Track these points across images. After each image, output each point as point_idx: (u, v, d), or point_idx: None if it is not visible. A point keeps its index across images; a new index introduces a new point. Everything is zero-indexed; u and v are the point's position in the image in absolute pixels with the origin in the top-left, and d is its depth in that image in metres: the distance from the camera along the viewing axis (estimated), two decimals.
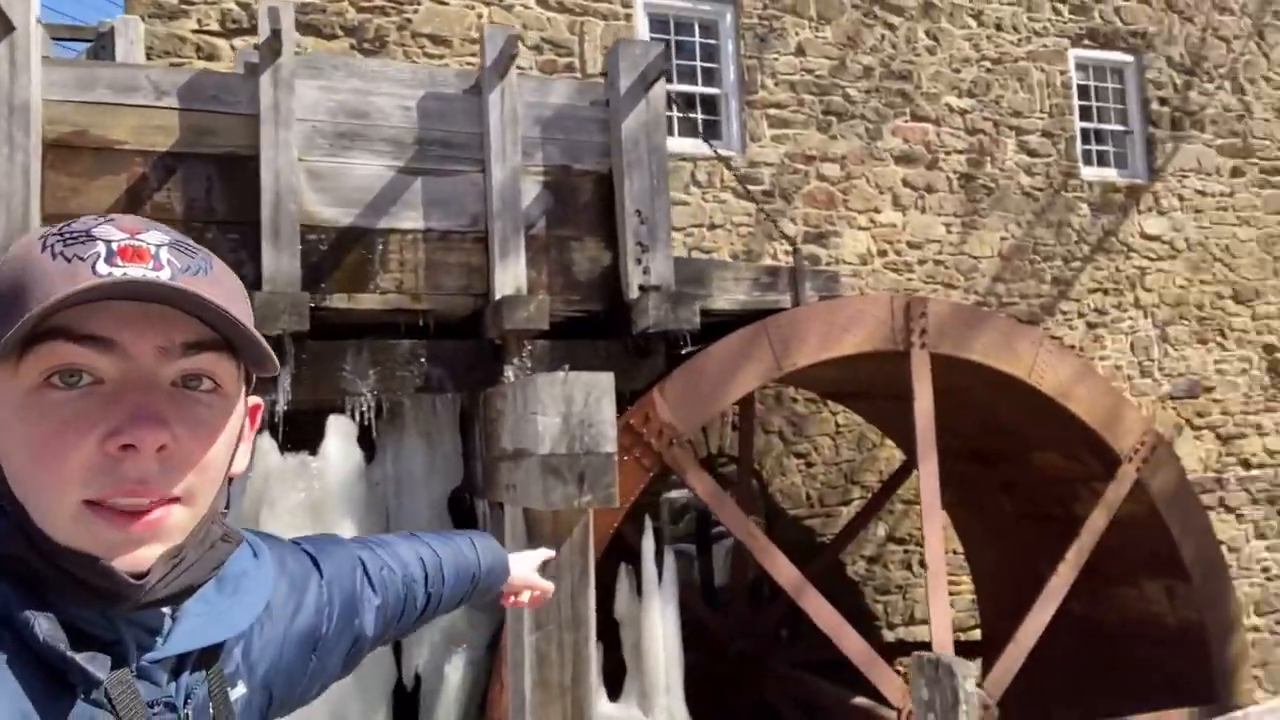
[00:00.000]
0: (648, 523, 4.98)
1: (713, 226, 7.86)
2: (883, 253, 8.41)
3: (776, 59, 8.20)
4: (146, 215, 3.66)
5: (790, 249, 7.98)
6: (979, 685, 4.84)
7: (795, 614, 7.72)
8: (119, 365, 0.71)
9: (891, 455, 8.01)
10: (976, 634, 8.04)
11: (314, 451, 4.19)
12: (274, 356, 0.78)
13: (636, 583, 4.82)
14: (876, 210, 8.41)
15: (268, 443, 4.06)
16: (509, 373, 4.38)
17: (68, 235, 0.73)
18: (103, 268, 0.70)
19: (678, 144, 7.86)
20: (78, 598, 0.71)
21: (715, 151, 6.39)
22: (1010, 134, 8.96)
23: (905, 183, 8.55)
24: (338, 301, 4.33)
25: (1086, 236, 9.16)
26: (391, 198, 4.44)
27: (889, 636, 8.14)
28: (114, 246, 0.71)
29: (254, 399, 0.84)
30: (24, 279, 0.71)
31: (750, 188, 7.97)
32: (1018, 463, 6.62)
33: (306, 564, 1.03)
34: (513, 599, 1.49)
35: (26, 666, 0.68)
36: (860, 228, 8.35)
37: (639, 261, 4.67)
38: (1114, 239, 9.27)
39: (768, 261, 7.98)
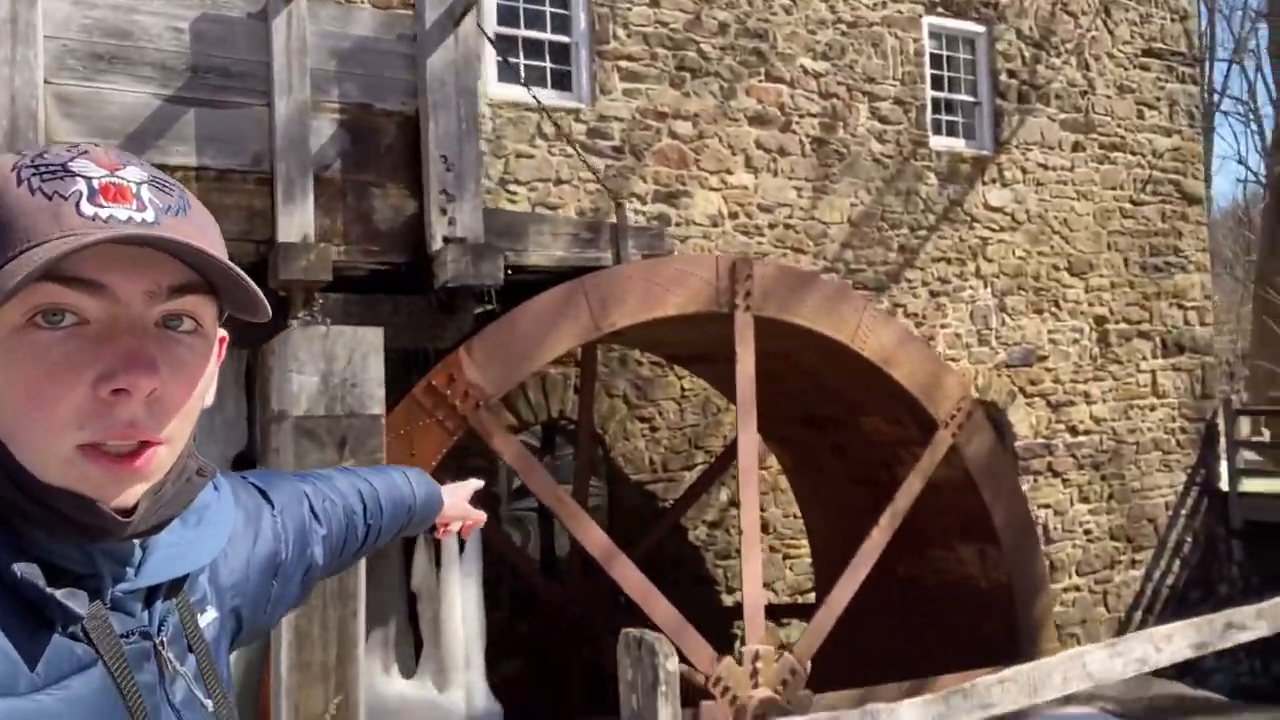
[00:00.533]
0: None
1: (559, 181, 7.57)
2: (734, 215, 8.31)
3: (630, 9, 7.92)
4: None
5: (638, 210, 7.79)
6: (743, 653, 4.83)
7: None
8: (107, 308, 0.71)
9: (736, 420, 7.98)
10: (814, 596, 8.17)
11: None
12: (266, 302, 0.77)
13: (435, 553, 4.57)
14: (729, 171, 8.29)
15: None
16: (295, 329, 4.02)
17: (43, 169, 0.72)
18: (87, 208, 0.70)
19: (522, 93, 7.52)
20: (61, 534, 0.72)
21: (539, 100, 6.08)
22: (863, 100, 8.97)
23: (758, 144, 8.45)
24: None
25: (933, 206, 9.30)
26: (158, 129, 3.98)
27: (728, 600, 8.18)
28: (95, 184, 0.71)
29: (221, 331, 0.82)
30: (2, 216, 0.70)
31: (599, 143, 7.71)
32: (847, 427, 6.67)
33: (257, 497, 1.06)
34: (443, 529, 1.52)
35: (3, 602, 0.69)
36: (712, 189, 8.22)
37: (444, 211, 4.36)
38: (959, 209, 9.46)
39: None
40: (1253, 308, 21.61)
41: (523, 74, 7.56)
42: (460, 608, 4.41)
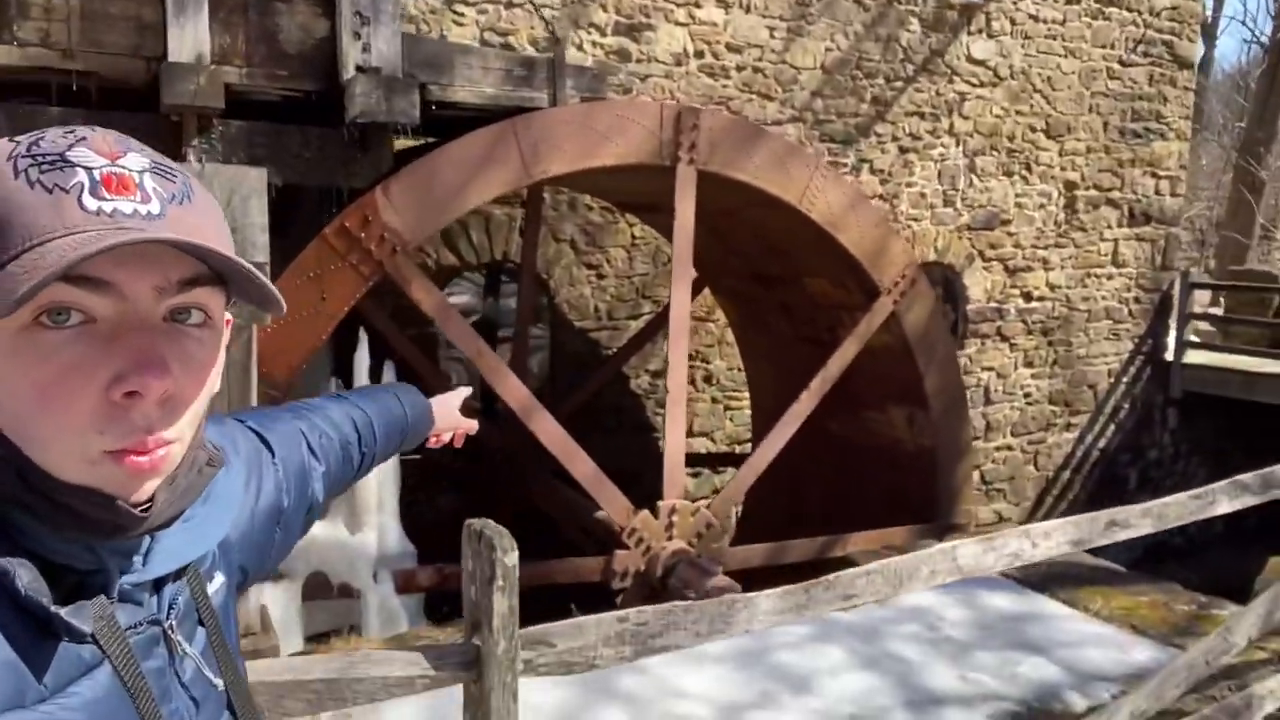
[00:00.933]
0: (362, 334, 4.62)
1: (511, 4, 7.05)
2: (699, 54, 7.84)
3: None
4: None
5: (595, 42, 7.32)
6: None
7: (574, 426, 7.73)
8: (114, 305, 0.69)
9: None
10: (750, 448, 8.34)
11: None
12: (280, 297, 0.76)
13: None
14: (697, 4, 7.76)
15: None
16: (191, 160, 3.77)
17: (41, 160, 0.69)
18: (90, 201, 0.68)
19: None
20: (73, 532, 0.71)
21: None
22: None
23: None
24: None
25: (913, 55, 8.84)
26: None
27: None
28: (96, 175, 0.69)
29: (228, 314, 0.79)
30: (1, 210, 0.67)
31: None
32: (793, 286, 6.57)
33: (256, 443, 1.06)
34: (435, 439, 1.52)
35: (7, 612, 0.67)
36: (678, 23, 7.71)
37: (357, 36, 4.01)
38: (940, 60, 9.01)
39: (573, 52, 7.32)
40: (1232, 176, 21.37)
41: None
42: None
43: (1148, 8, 10.00)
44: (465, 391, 1.59)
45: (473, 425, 1.55)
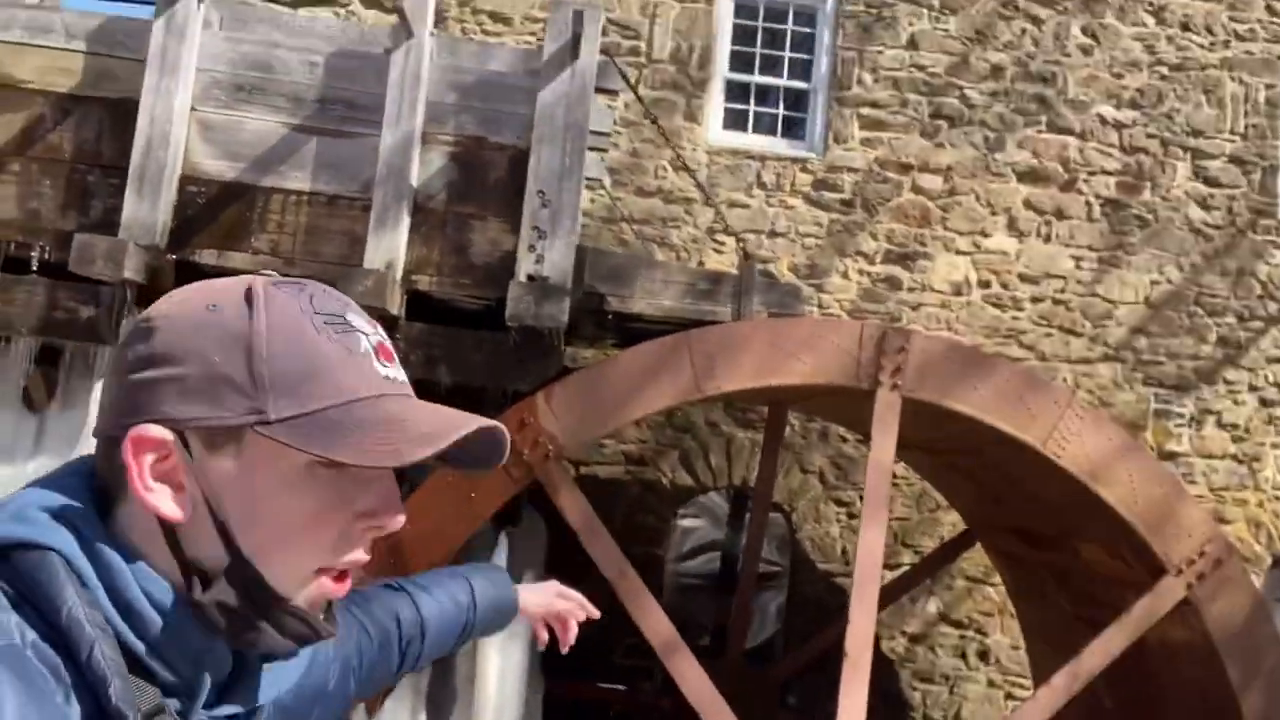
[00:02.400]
0: (502, 540, 4.45)
1: (774, 234, 7.06)
2: (985, 283, 7.17)
3: (881, 52, 7.22)
4: (37, 154, 3.63)
5: (861, 270, 7.02)
6: None
7: (803, 681, 6.78)
8: None
9: (958, 520, 6.80)
10: None
11: None
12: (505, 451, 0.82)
13: None
14: (984, 233, 7.18)
15: None
16: None
17: (330, 320, 0.78)
18: (379, 367, 0.77)
19: (746, 139, 7.16)
20: (275, 642, 0.77)
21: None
22: (1183, 156, 7.33)
23: (1028, 203, 7.23)
24: (206, 258, 4.20)
25: (1276, 290, 7.31)
26: (282, 155, 4.25)
27: None
28: (372, 343, 0.78)
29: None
30: (313, 361, 0.75)
31: (826, 195, 7.09)
32: (1065, 550, 5.33)
33: None
34: (544, 635, 1.48)
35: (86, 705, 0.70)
36: (959, 251, 7.17)
37: (532, 248, 4.15)
38: None
39: (837, 280, 7.08)
40: None
41: (751, 121, 7.21)
42: (497, 670, 4.10)
43: None
44: (555, 585, 1.51)
45: (574, 610, 1.46)
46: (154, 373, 0.74)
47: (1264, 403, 7.25)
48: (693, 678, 4.17)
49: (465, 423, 0.75)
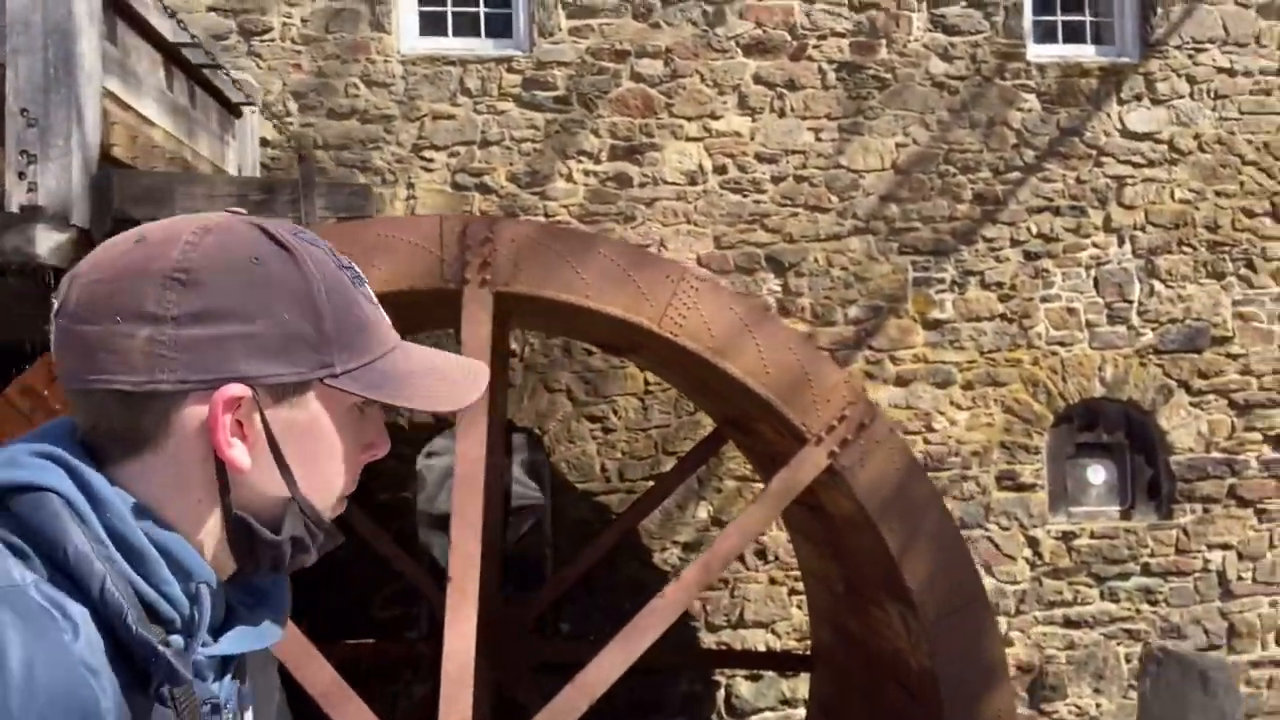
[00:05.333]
0: None
1: (485, 144, 6.57)
2: (721, 169, 6.74)
3: None
4: None
5: (587, 170, 6.57)
6: None
7: (574, 606, 6.51)
8: None
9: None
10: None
11: None
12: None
13: None
14: (713, 115, 6.74)
15: None
16: None
17: (349, 270, 0.87)
18: (387, 319, 0.89)
19: (447, 44, 6.63)
20: (302, 563, 0.86)
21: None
22: (918, 6, 6.89)
23: (758, 78, 6.78)
24: None
25: (1031, 138, 6.96)
26: None
27: (708, 640, 6.71)
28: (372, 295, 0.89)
29: None
30: (360, 314, 0.84)
31: (538, 94, 6.60)
32: (752, 432, 5.03)
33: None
34: None
35: (115, 659, 0.73)
36: (690, 138, 6.73)
37: (22, 175, 3.66)
38: (1076, 140, 7.00)
39: (560, 184, 6.63)
40: None
41: (450, 23, 6.68)
42: None
43: None
44: None
45: None
46: (216, 329, 0.77)
47: (1029, 256, 6.94)
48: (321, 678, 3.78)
49: (479, 366, 0.90)
